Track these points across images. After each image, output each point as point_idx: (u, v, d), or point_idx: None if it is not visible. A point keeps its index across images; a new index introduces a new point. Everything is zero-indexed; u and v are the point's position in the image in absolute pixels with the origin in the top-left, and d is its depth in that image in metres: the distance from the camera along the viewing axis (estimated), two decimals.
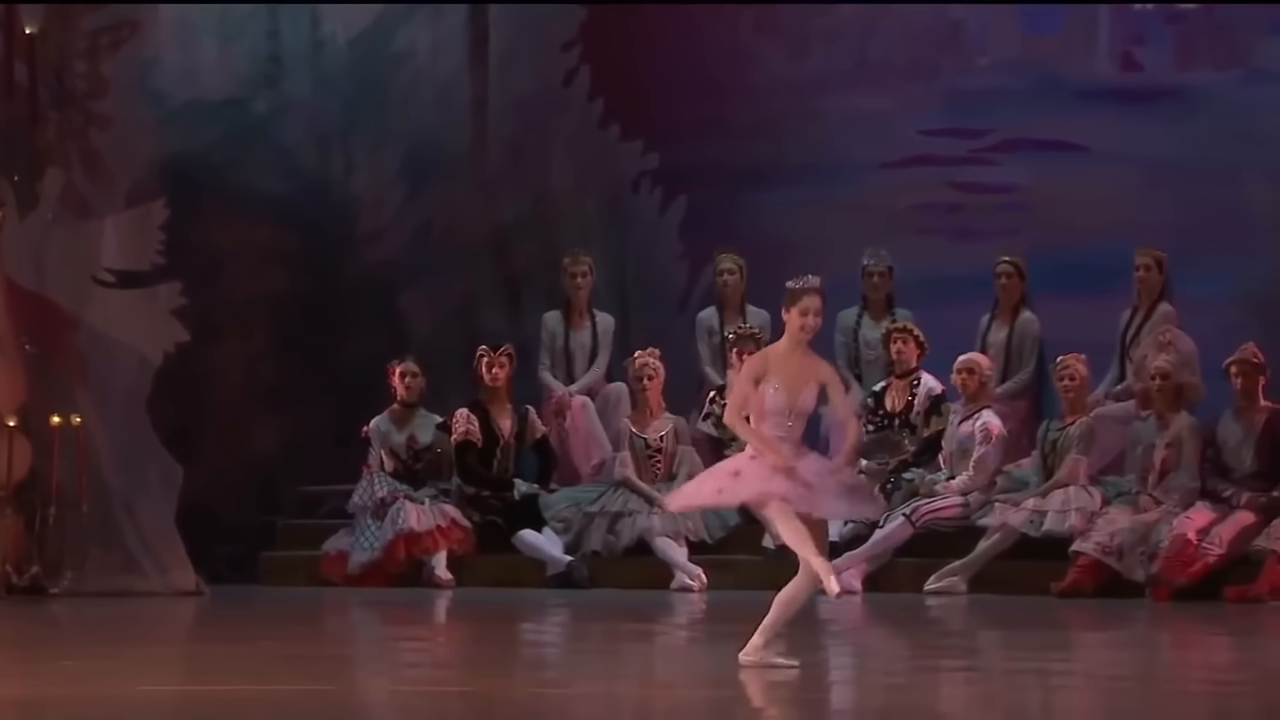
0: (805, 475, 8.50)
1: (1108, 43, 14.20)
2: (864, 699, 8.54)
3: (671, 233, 14.57)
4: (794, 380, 8.53)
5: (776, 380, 8.54)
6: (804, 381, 8.55)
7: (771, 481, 8.49)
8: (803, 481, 8.49)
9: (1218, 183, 13.61)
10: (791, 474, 8.47)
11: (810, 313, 8.60)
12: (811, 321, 8.59)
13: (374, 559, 12.89)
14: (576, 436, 13.48)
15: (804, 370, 8.57)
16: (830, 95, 14.39)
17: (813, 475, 8.52)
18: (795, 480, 8.47)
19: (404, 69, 14.52)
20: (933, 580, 12.48)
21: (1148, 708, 8.12)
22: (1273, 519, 12.10)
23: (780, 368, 8.56)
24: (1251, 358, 12.41)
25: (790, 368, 8.55)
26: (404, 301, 14.39)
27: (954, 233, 14.21)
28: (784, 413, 8.52)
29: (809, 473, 8.52)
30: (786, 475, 8.47)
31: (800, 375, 8.55)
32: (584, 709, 8.15)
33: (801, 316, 8.60)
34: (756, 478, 8.52)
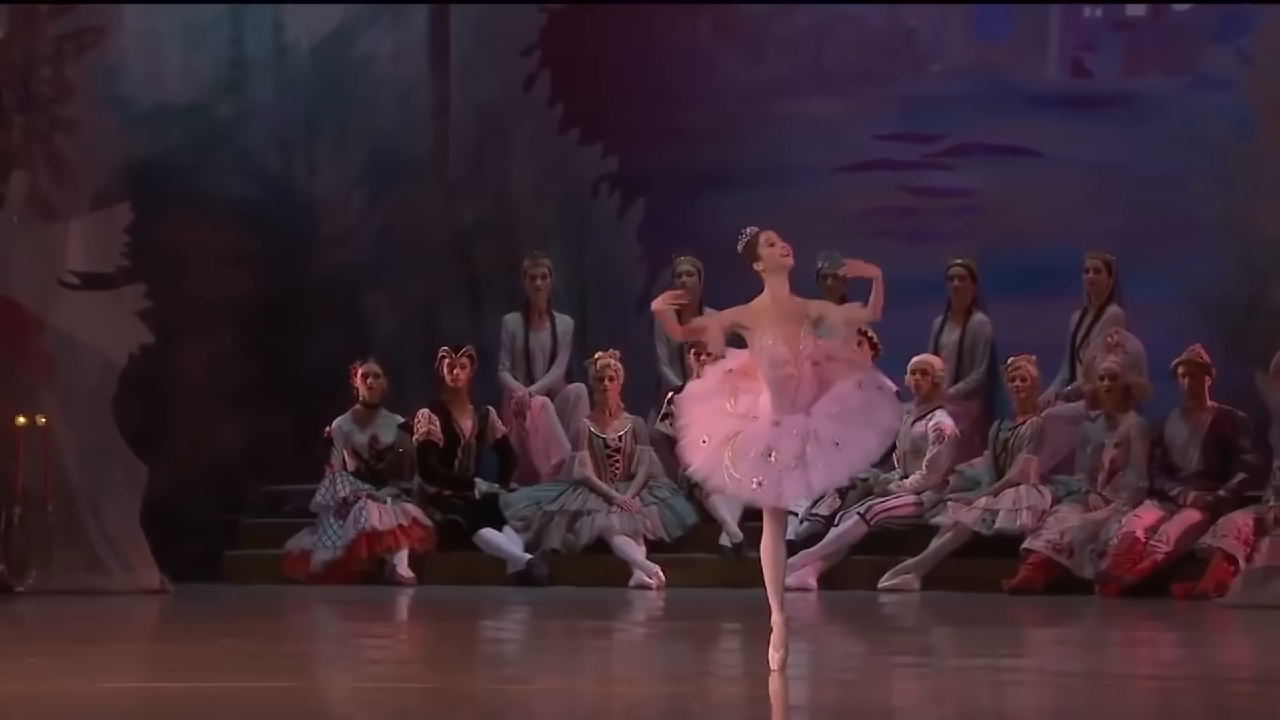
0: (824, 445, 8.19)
1: (1058, 49, 14.26)
2: (819, 695, 8.56)
3: (630, 235, 14.59)
4: (786, 326, 8.33)
5: (770, 333, 8.33)
6: (796, 323, 8.36)
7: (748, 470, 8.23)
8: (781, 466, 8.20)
9: (1166, 187, 13.67)
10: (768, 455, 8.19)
11: (777, 242, 8.40)
12: (781, 247, 8.38)
13: (336, 557, 12.88)
14: (536, 436, 13.49)
15: (794, 311, 8.38)
16: (786, 101, 14.42)
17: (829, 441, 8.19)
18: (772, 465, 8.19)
19: (366, 75, 14.51)
20: (887, 578, 12.52)
21: (1097, 703, 8.16)
22: (1218, 517, 12.16)
23: (769, 319, 8.35)
24: (1198, 359, 12.47)
25: (779, 315, 8.34)
26: (366, 303, 14.38)
27: (907, 236, 14.24)
28: (787, 362, 8.30)
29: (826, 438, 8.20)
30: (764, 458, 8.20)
31: (791, 319, 8.35)
32: (544, 705, 8.15)
33: (769, 247, 8.40)
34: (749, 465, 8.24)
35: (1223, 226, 13.47)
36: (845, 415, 8.35)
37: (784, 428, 8.30)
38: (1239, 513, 12.14)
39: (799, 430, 8.29)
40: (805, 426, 8.30)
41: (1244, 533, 12.00)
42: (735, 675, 9.25)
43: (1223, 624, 11.09)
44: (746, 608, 11.79)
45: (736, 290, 14.37)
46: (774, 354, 8.35)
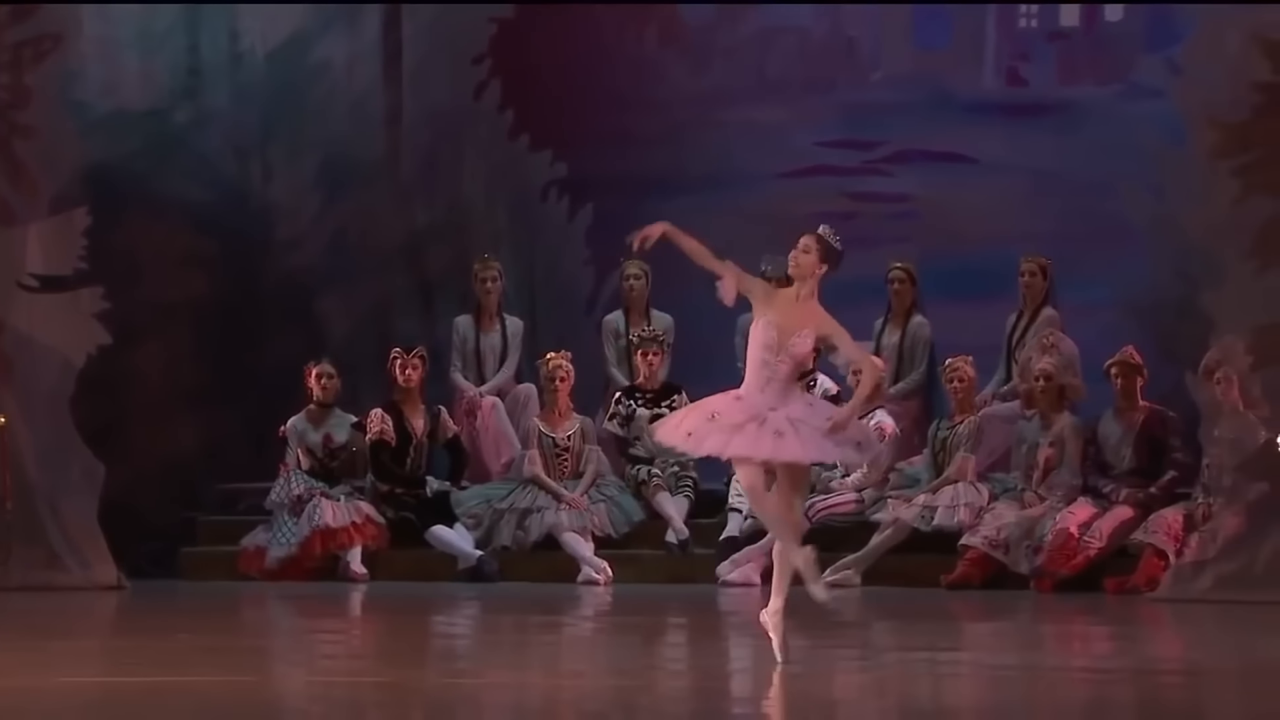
0: (777, 422, 8.25)
1: (994, 59, 14.32)
2: (762, 688, 8.58)
3: (579, 239, 14.59)
4: (789, 321, 8.38)
5: (772, 315, 8.38)
6: (800, 324, 8.39)
7: (737, 435, 8.24)
8: (774, 429, 8.23)
9: (1099, 193, 13.74)
10: (761, 421, 8.23)
11: (797, 249, 8.50)
12: (797, 256, 8.49)
13: (291, 554, 12.86)
14: (487, 435, 13.49)
15: (804, 315, 8.42)
16: (731, 108, 14.45)
17: (786, 422, 8.27)
18: (764, 429, 8.22)
19: (320, 82, 14.48)
20: (828, 573, 12.50)
21: (1032, 695, 8.20)
22: (1150, 514, 12.23)
23: (779, 306, 8.40)
24: (1130, 359, 12.54)
25: (789, 309, 8.40)
26: (320, 305, 14.34)
27: (848, 240, 14.12)
28: (772, 349, 8.34)
29: (786, 418, 8.26)
30: (757, 424, 8.22)
31: (798, 318, 8.39)
32: (494, 698, 8.15)
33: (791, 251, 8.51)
34: (726, 428, 8.26)
35: (1154, 231, 13.54)
36: (801, 422, 8.38)
37: (741, 403, 8.38)
38: (1169, 509, 12.21)
39: (753, 408, 8.35)
40: (760, 408, 8.35)
41: (1174, 529, 12.08)
42: (681, 669, 9.27)
43: (1153, 618, 11.16)
44: (692, 603, 11.83)
45: (681, 292, 14.47)
46: (766, 336, 8.39)
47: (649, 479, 13.07)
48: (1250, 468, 11.71)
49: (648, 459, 13.18)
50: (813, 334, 8.45)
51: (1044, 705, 7.98)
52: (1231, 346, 11.91)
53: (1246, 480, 11.71)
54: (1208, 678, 8.79)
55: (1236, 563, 11.58)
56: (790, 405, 8.37)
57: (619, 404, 13.32)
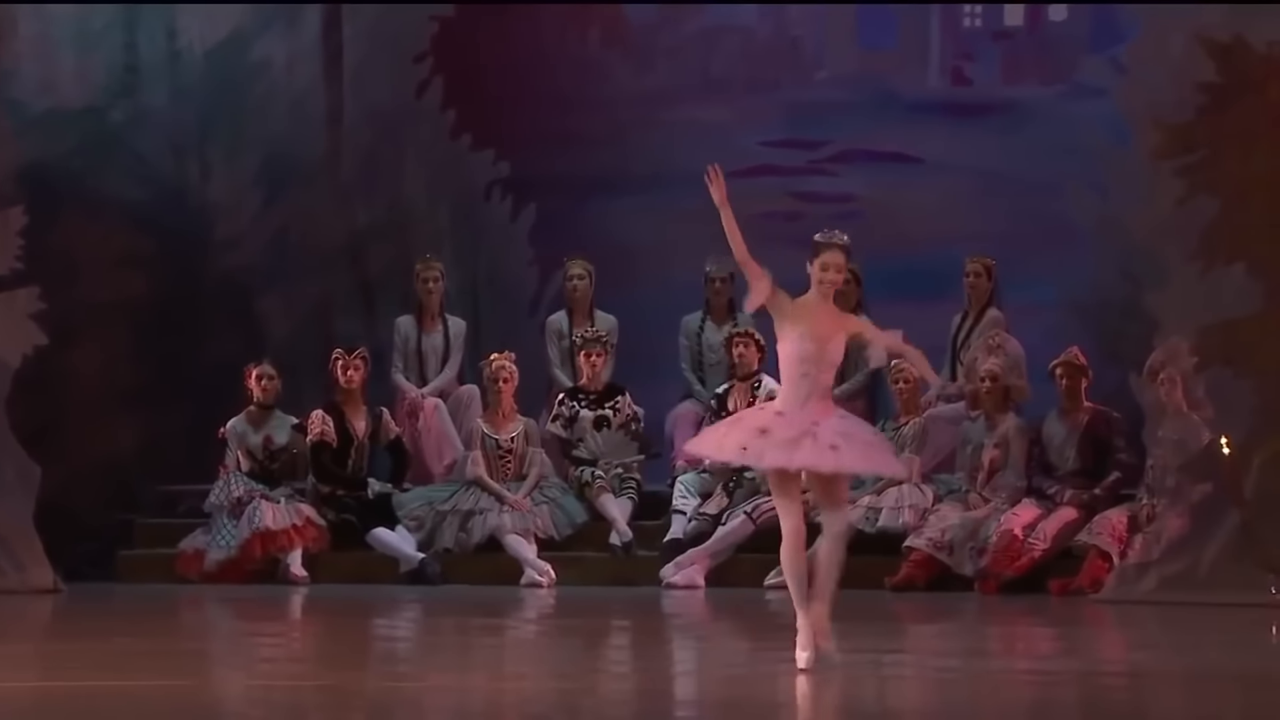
0: (829, 436, 8.27)
1: (939, 58, 14.39)
2: (705, 689, 8.60)
3: (522, 239, 14.59)
4: (822, 329, 8.38)
5: (804, 327, 8.37)
6: (833, 330, 8.41)
7: (797, 450, 8.24)
8: (828, 443, 8.26)
9: (1044, 193, 13.81)
10: (814, 435, 8.25)
11: (830, 268, 8.45)
12: (831, 277, 8.43)
13: (230, 557, 12.82)
14: (429, 437, 13.48)
15: (833, 320, 8.44)
16: (674, 107, 14.47)
17: (839, 435, 8.30)
18: (819, 443, 8.24)
19: (260, 80, 14.44)
20: (772, 575, 12.55)
21: (975, 696, 8.24)
22: (1094, 515, 12.30)
23: (809, 316, 8.40)
24: (1075, 360, 12.61)
25: (819, 317, 8.40)
26: (260, 305, 14.31)
27: (793, 240, 14.18)
28: (812, 360, 8.34)
29: (836, 431, 8.30)
30: (811, 438, 8.23)
31: (829, 325, 8.41)
32: (436, 701, 8.15)
33: (821, 271, 8.46)
34: (783, 444, 8.27)
35: (1099, 232, 13.62)
36: (850, 434, 8.43)
37: (786, 418, 8.37)
38: (1114, 511, 12.28)
39: (800, 423, 8.35)
40: (806, 423, 8.36)
41: (1118, 530, 12.15)
42: (625, 671, 9.28)
43: (1097, 619, 11.22)
44: (636, 605, 11.85)
45: (625, 293, 14.45)
46: (803, 349, 8.39)
47: (592, 481, 13.08)
48: (1194, 469, 11.78)
49: (591, 461, 13.19)
50: (844, 337, 8.47)
51: (988, 707, 8.02)
52: (1176, 347, 11.98)
53: (1190, 481, 11.79)
54: (1151, 680, 8.84)
55: (1180, 564, 11.65)
56: (831, 418, 8.41)
57: (562, 405, 13.33)
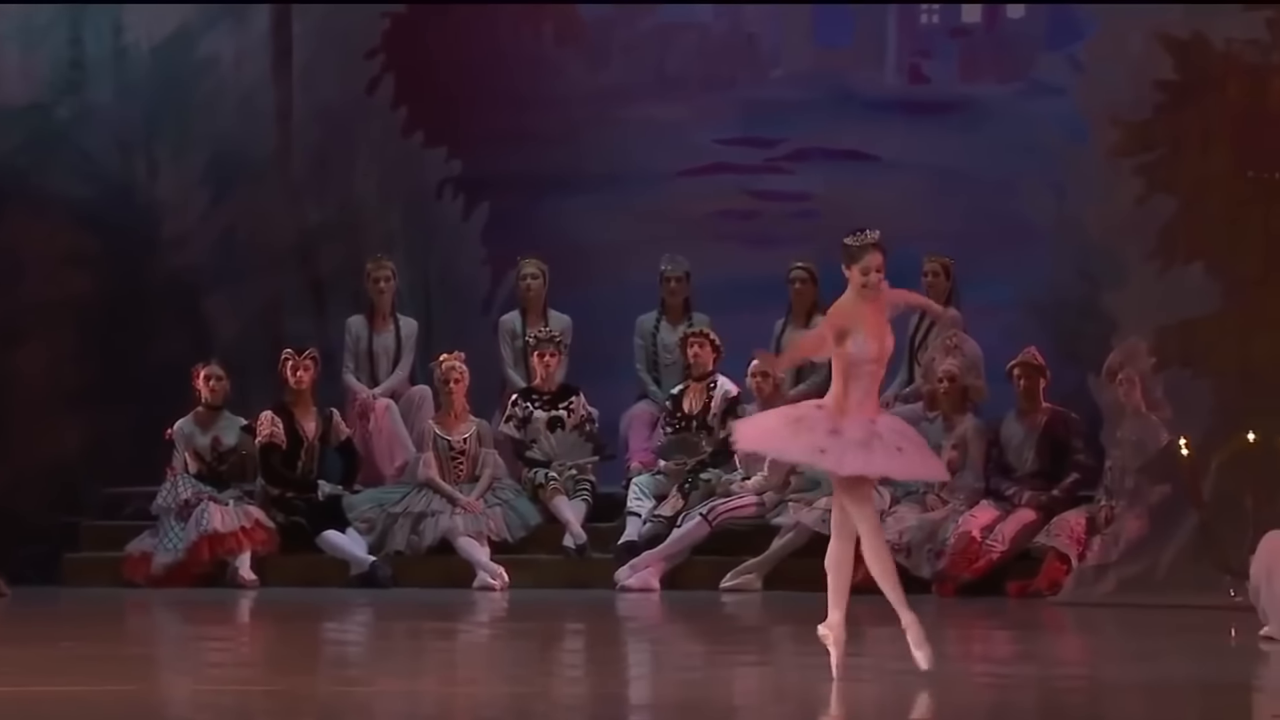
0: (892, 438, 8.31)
1: (896, 56, 14.39)
2: (660, 693, 8.58)
3: (474, 238, 14.55)
4: (876, 328, 8.41)
5: (861, 331, 8.39)
6: (883, 325, 8.43)
7: (871, 455, 8.24)
8: (894, 445, 8.29)
9: (1001, 192, 13.83)
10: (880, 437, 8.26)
11: (872, 270, 8.46)
12: (874, 279, 8.44)
13: (178, 560, 12.75)
14: (380, 438, 13.42)
15: (879, 316, 8.45)
16: (629, 105, 14.45)
17: (899, 436, 8.34)
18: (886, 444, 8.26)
19: (208, 76, 14.37)
20: (729, 578, 12.56)
21: (933, 700, 8.23)
22: (1052, 517, 12.31)
23: (860, 319, 8.41)
24: (1033, 360, 12.62)
25: (868, 317, 8.42)
26: (209, 305, 14.24)
27: (750, 239, 14.32)
28: (874, 360, 8.37)
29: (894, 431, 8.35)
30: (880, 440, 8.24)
31: (879, 322, 8.43)
32: (387, 706, 8.11)
33: (863, 275, 8.47)
34: (857, 446, 8.25)
35: (1056, 231, 13.64)
36: (907, 434, 8.47)
37: (850, 418, 8.37)
38: (1072, 512, 12.30)
39: (863, 424, 8.35)
40: (867, 423, 8.37)
41: (1076, 532, 12.16)
42: (579, 675, 9.25)
43: (1055, 621, 11.23)
44: (590, 608, 11.82)
45: (579, 292, 14.41)
46: (864, 351, 8.39)
47: (546, 482, 13.04)
48: (1152, 470, 11.81)
49: (544, 462, 13.15)
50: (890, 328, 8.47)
51: (945, 711, 8.01)
52: (1134, 347, 12.01)
53: (1149, 483, 11.81)
54: (1109, 684, 8.85)
55: (1139, 566, 11.67)
56: (883, 416, 8.48)
57: (515, 406, 13.29)
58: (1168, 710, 8.17)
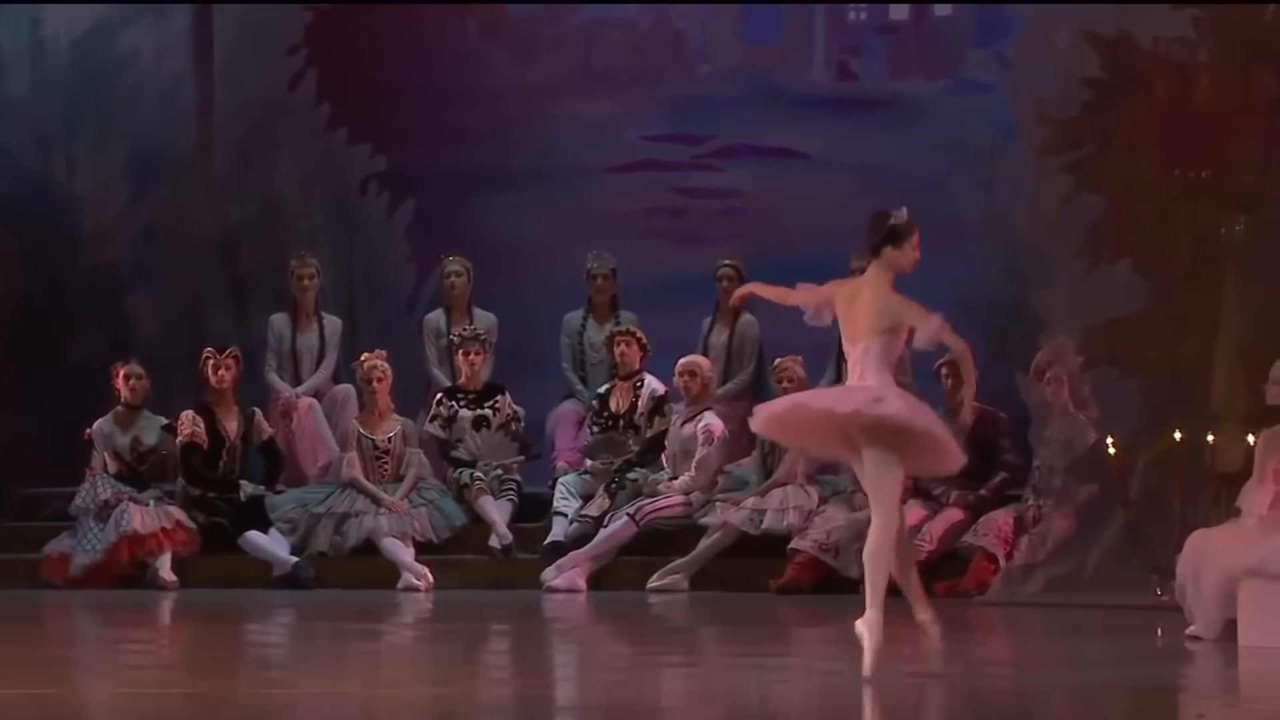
0: None
1: (823, 53, 14.45)
2: (586, 694, 8.60)
3: (399, 235, 14.53)
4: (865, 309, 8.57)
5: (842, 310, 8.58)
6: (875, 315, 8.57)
7: None
8: None
9: (929, 190, 13.82)
10: None
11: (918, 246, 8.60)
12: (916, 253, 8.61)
13: (96, 561, 12.70)
14: (303, 438, 13.39)
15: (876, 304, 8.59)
16: (556, 101, 14.46)
17: None
18: None
19: (128, 71, 14.30)
20: (655, 578, 12.59)
21: (860, 700, 8.27)
22: (980, 516, 12.38)
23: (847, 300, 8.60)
24: None
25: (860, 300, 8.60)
26: (129, 303, 14.17)
27: (677, 237, 14.35)
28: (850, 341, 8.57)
29: None
30: None
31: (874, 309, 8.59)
32: (309, 708, 8.10)
33: (915, 251, 8.62)
34: None
35: (984, 229, 13.71)
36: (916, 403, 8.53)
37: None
38: (999, 512, 12.37)
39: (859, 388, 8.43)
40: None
41: (1004, 531, 12.24)
42: (504, 677, 9.26)
43: (983, 622, 11.29)
44: (516, 609, 11.82)
45: (505, 290, 14.39)
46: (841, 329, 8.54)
47: (471, 482, 13.04)
48: (1080, 469, 11.89)
49: (470, 462, 13.15)
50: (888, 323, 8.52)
51: (873, 711, 8.05)
52: (1061, 346, 12.09)
53: (1076, 482, 11.90)
54: (1036, 683, 8.91)
55: (1066, 565, 11.76)
56: None
57: (440, 405, 13.28)
58: (1094, 710, 8.24)
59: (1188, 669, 9.37)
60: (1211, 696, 8.70)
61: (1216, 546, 9.92)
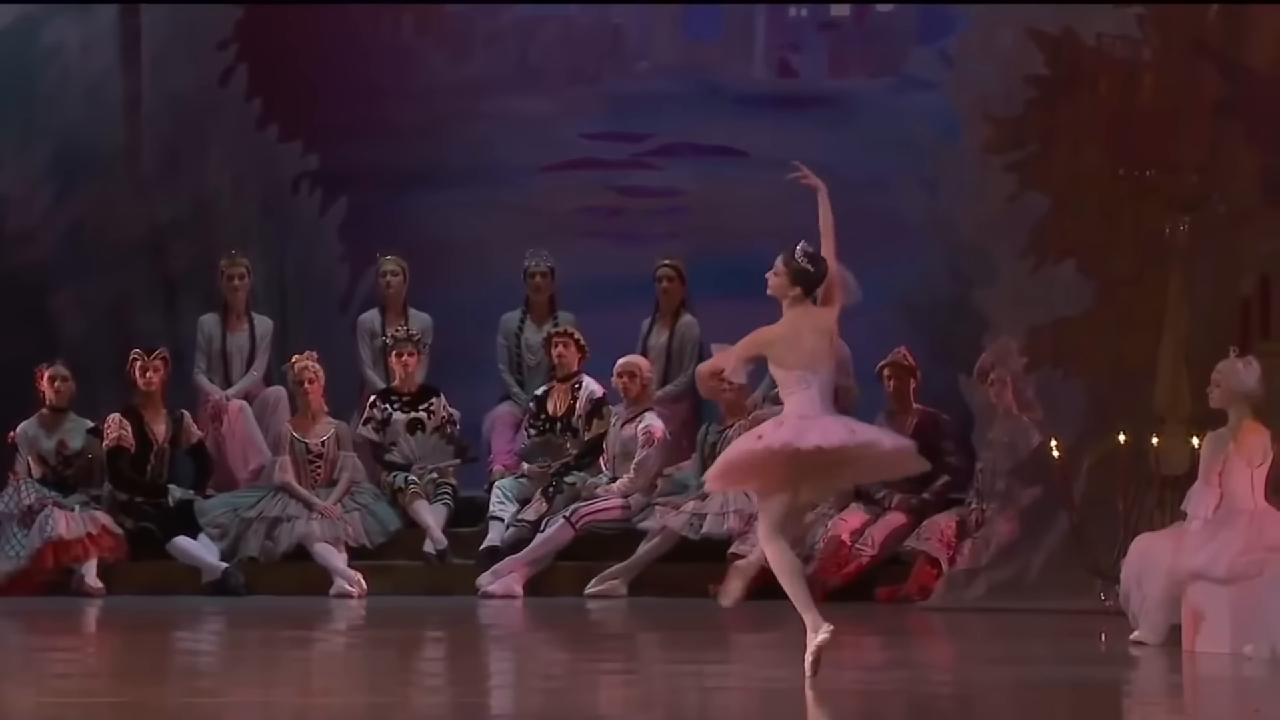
0: None
1: (764, 49, 14.46)
2: (523, 702, 8.58)
3: (332, 234, 14.49)
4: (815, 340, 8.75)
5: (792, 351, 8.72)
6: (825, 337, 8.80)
7: None
8: None
9: (871, 188, 13.88)
10: None
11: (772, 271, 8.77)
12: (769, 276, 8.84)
13: (21, 568, 12.62)
14: (234, 441, 13.33)
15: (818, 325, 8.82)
16: (492, 98, 14.44)
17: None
18: None
19: (52, 65, 14.21)
20: (593, 583, 12.57)
21: (801, 708, 8.27)
22: (922, 520, 12.41)
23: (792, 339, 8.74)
24: (903, 361, 12.71)
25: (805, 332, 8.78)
26: (54, 303, 14.08)
27: (616, 236, 14.34)
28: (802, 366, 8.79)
29: None
30: None
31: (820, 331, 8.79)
32: (239, 717, 8.06)
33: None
34: None
35: (927, 228, 13.74)
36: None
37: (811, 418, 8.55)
38: (942, 515, 12.40)
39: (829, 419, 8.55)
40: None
41: (947, 535, 12.27)
42: (439, 684, 9.24)
43: (926, 627, 11.32)
44: (451, 615, 11.80)
45: (440, 290, 14.36)
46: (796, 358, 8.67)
47: (406, 486, 13.00)
48: (1023, 472, 11.92)
49: (404, 465, 13.11)
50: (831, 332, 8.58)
51: (815, 717, 8.06)
52: (1005, 347, 12.12)
53: (1020, 485, 11.93)
54: (980, 689, 8.93)
55: (1009, 569, 11.79)
56: None
57: (374, 408, 13.24)
58: (1038, 716, 8.25)
59: (1132, 673, 9.41)
60: (1155, 702, 8.74)
61: (1161, 550, 9.96)
